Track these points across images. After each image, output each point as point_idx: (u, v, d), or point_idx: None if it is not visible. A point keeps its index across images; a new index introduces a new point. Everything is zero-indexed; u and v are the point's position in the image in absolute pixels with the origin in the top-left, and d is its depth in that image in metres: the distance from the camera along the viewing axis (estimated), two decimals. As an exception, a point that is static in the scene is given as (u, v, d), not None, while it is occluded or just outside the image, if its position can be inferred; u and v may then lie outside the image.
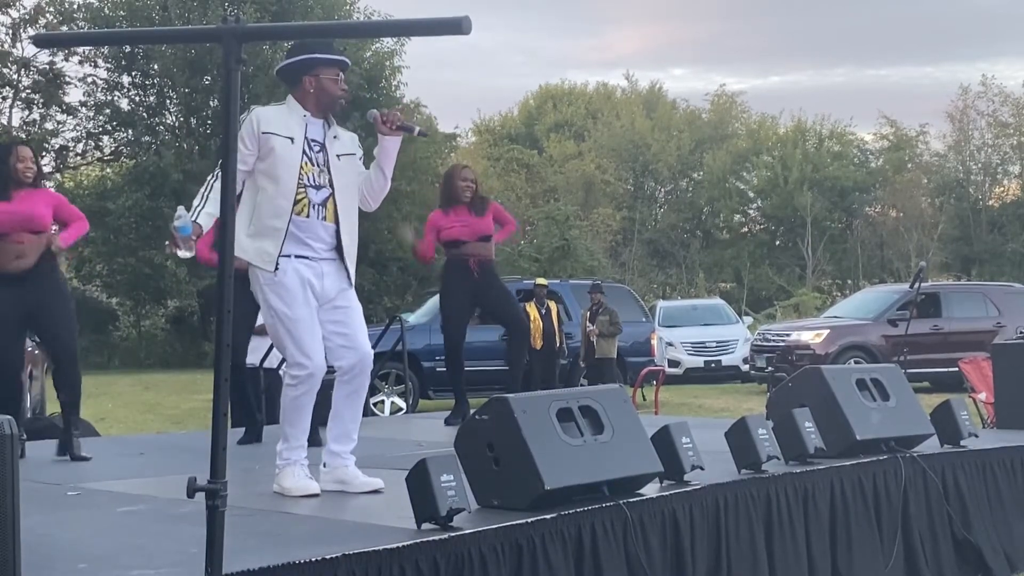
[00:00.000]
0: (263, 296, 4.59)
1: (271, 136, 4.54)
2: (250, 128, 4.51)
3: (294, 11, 30.09)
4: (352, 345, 4.68)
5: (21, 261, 5.81)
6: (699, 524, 4.31)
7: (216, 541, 2.56)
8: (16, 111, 30.34)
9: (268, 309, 4.59)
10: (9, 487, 2.56)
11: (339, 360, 4.71)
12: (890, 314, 17.49)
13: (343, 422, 4.80)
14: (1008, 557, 5.63)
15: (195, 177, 29.32)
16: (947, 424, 5.72)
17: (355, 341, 4.68)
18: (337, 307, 4.67)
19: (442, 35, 2.36)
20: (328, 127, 4.72)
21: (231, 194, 2.52)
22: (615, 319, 14.69)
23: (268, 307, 4.58)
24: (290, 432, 4.70)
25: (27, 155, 6.03)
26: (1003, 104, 41.79)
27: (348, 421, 4.80)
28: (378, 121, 4.75)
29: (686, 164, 44.99)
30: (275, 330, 4.62)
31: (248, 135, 4.49)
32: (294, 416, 4.71)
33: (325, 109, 4.69)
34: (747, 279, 39.80)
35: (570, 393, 4.38)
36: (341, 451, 4.77)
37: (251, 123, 4.52)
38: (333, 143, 4.71)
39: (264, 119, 4.56)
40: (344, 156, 4.75)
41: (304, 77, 4.64)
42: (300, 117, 4.64)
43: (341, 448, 4.78)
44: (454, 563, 3.46)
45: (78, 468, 5.65)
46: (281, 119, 4.61)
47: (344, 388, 4.76)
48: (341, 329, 4.67)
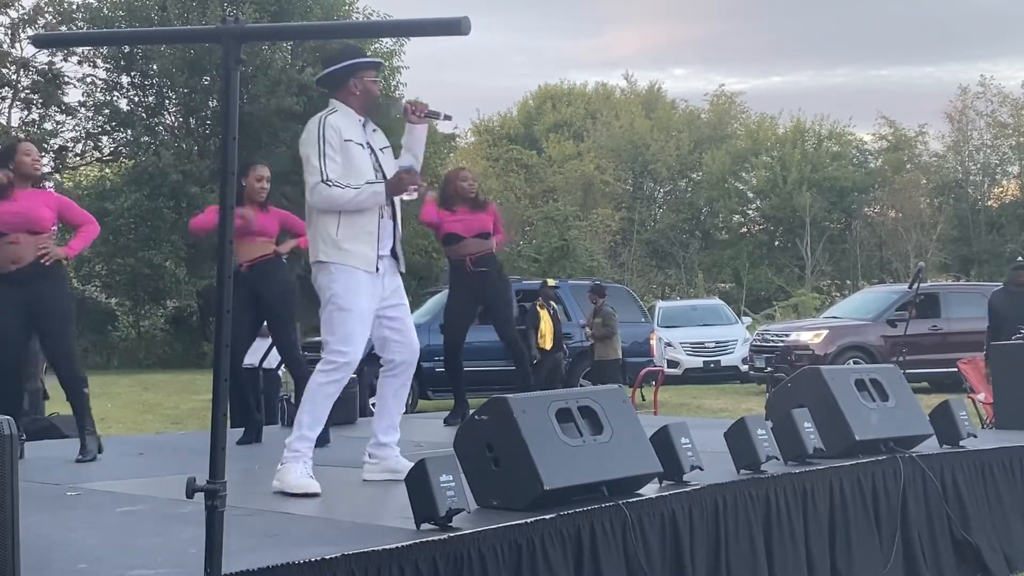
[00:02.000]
0: (330, 282, 4.76)
1: (351, 144, 4.82)
2: (336, 138, 4.78)
3: (293, 11, 30.09)
4: (406, 341, 4.97)
5: (17, 264, 5.83)
6: (698, 524, 4.31)
7: (215, 541, 2.56)
8: (15, 111, 30.38)
9: (331, 295, 4.77)
10: (9, 487, 2.56)
11: (392, 355, 4.96)
12: (889, 314, 17.50)
13: (391, 415, 4.99)
14: (1007, 557, 5.64)
15: (194, 177, 29.35)
16: (946, 424, 5.73)
17: (409, 337, 4.99)
18: (393, 304, 4.95)
19: (441, 36, 2.37)
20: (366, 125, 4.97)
21: (231, 193, 2.52)
22: (608, 320, 14.67)
23: (331, 292, 4.76)
24: (306, 421, 4.77)
25: (32, 150, 6.08)
26: (1002, 104, 41.86)
27: (395, 414, 5.01)
28: (408, 111, 5.06)
29: (685, 164, 45.00)
30: (329, 315, 4.78)
31: (337, 145, 4.77)
32: (315, 405, 4.79)
33: (367, 110, 4.96)
34: (746, 279, 39.80)
35: (569, 393, 4.39)
36: (390, 442, 4.96)
37: (334, 133, 4.78)
38: (375, 139, 4.97)
39: (341, 127, 4.81)
40: (385, 149, 5.01)
41: (350, 81, 4.91)
42: (356, 121, 4.89)
43: (389, 439, 4.96)
44: (453, 563, 3.46)
45: (78, 468, 5.66)
46: (349, 125, 4.85)
47: (394, 382, 4.99)
48: (397, 326, 4.96)
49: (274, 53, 29.97)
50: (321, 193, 4.74)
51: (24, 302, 5.85)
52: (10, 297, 5.81)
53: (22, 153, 5.97)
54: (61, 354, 6.04)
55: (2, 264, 5.83)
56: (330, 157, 4.76)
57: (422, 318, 14.98)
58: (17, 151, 6.00)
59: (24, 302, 5.85)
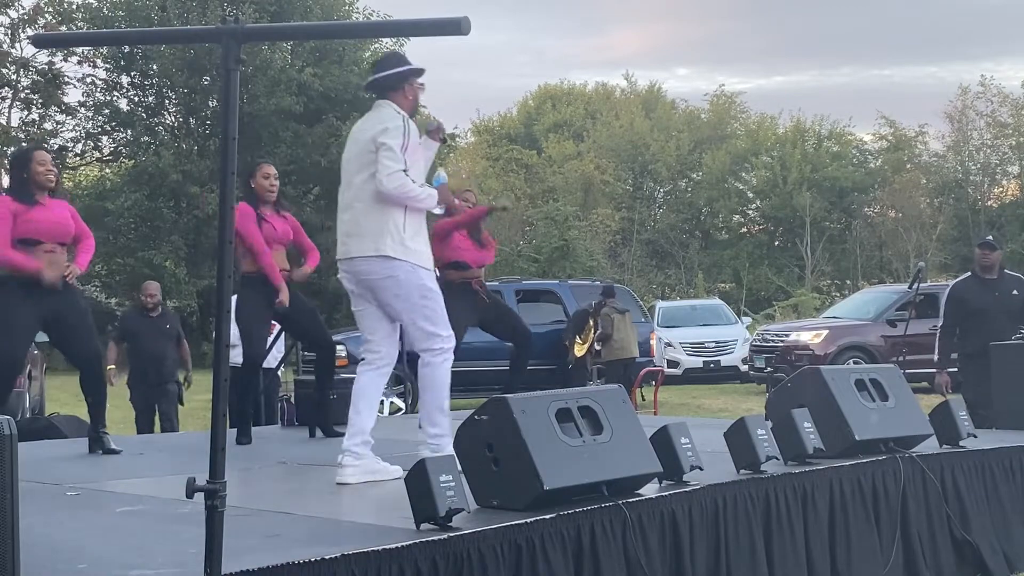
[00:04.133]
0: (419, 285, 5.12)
1: (420, 145, 5.27)
2: (415, 137, 5.19)
3: (293, 11, 30.10)
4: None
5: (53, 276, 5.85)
6: (698, 524, 4.31)
7: (215, 541, 2.56)
8: (15, 111, 30.37)
9: (425, 290, 5.15)
10: (9, 487, 2.56)
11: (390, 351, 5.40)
12: (889, 314, 17.50)
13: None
14: (1007, 557, 5.64)
15: (194, 177, 29.36)
16: (946, 424, 5.73)
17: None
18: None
19: (441, 36, 2.37)
20: None
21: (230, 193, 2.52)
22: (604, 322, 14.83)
23: (425, 288, 5.15)
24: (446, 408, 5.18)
25: (47, 159, 6.05)
26: (1002, 104, 41.88)
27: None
28: (438, 130, 5.62)
29: (685, 164, 45.00)
30: (429, 308, 5.18)
31: (413, 144, 5.15)
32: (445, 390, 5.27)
33: (413, 114, 5.32)
34: (746, 279, 39.81)
35: (569, 393, 4.38)
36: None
37: (413, 132, 5.18)
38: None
39: (413, 129, 5.17)
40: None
41: (405, 85, 5.31)
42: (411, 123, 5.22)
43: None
44: (453, 563, 3.46)
45: (78, 468, 5.66)
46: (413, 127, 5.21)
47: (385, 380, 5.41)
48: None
49: (274, 53, 29.97)
50: (401, 181, 5.00)
51: (46, 313, 5.91)
52: (34, 305, 5.84)
53: (36, 163, 5.93)
54: (92, 352, 6.14)
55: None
56: (408, 152, 5.09)
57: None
58: (32, 160, 5.96)
59: (46, 313, 5.91)
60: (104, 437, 6.18)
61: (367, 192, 5.10)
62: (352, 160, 5.26)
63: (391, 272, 5.06)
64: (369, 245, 5.08)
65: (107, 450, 6.13)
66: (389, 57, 5.55)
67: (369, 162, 5.11)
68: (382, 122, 5.17)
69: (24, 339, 5.99)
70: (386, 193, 5.02)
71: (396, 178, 5.00)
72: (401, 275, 5.07)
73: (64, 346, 6.23)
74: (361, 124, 5.47)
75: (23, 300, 5.82)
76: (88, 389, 6.18)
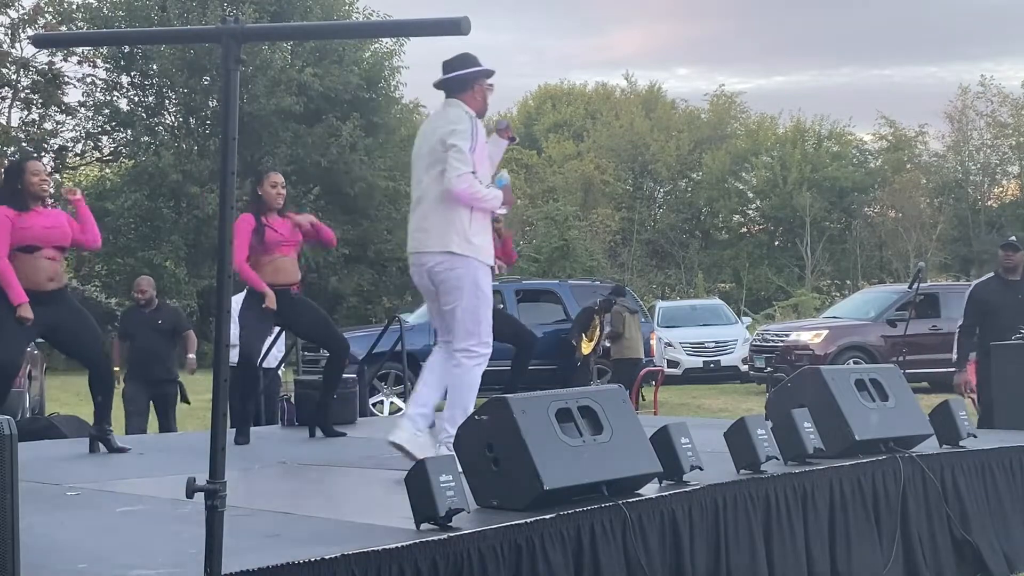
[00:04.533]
0: (475, 281, 5.31)
1: (487, 144, 5.46)
2: (484, 136, 5.38)
3: (293, 11, 30.09)
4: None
5: (52, 283, 5.88)
6: (698, 524, 4.31)
7: (215, 541, 2.56)
8: (15, 111, 30.30)
9: (478, 292, 5.34)
10: (9, 487, 2.56)
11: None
12: (889, 314, 17.51)
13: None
14: (1007, 557, 5.64)
15: (194, 177, 29.35)
16: (946, 424, 5.72)
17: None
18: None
19: (441, 35, 2.36)
20: None
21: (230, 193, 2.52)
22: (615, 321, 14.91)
23: (479, 291, 5.34)
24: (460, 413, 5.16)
25: (40, 169, 6.05)
26: (1002, 104, 41.87)
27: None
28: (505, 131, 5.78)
29: (685, 164, 44.97)
30: (474, 307, 5.34)
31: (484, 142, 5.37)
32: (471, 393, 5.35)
33: (482, 114, 5.47)
34: (746, 279, 39.79)
35: (569, 393, 4.38)
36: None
37: (483, 132, 5.37)
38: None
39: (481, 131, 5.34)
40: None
41: (475, 85, 5.47)
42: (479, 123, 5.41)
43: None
44: (453, 563, 3.46)
45: (78, 468, 5.66)
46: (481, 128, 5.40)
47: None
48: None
49: (274, 53, 29.95)
50: (468, 181, 5.20)
51: (47, 321, 5.91)
52: (37, 314, 5.81)
53: (30, 173, 5.93)
54: (98, 352, 6.17)
55: (39, 281, 5.84)
56: (476, 153, 5.27)
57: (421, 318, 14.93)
58: (24, 171, 5.95)
59: (47, 321, 5.91)
60: (110, 436, 6.21)
61: (435, 190, 5.32)
62: (423, 157, 5.46)
63: (453, 267, 5.31)
64: (436, 241, 5.34)
65: (113, 448, 6.16)
66: (459, 58, 5.59)
67: (438, 160, 5.31)
68: (451, 123, 5.33)
69: (19, 346, 6.00)
70: (455, 194, 5.24)
71: (464, 180, 5.19)
72: (462, 271, 5.31)
73: (70, 350, 6.27)
74: (430, 122, 5.68)
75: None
76: (97, 389, 6.20)
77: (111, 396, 6.33)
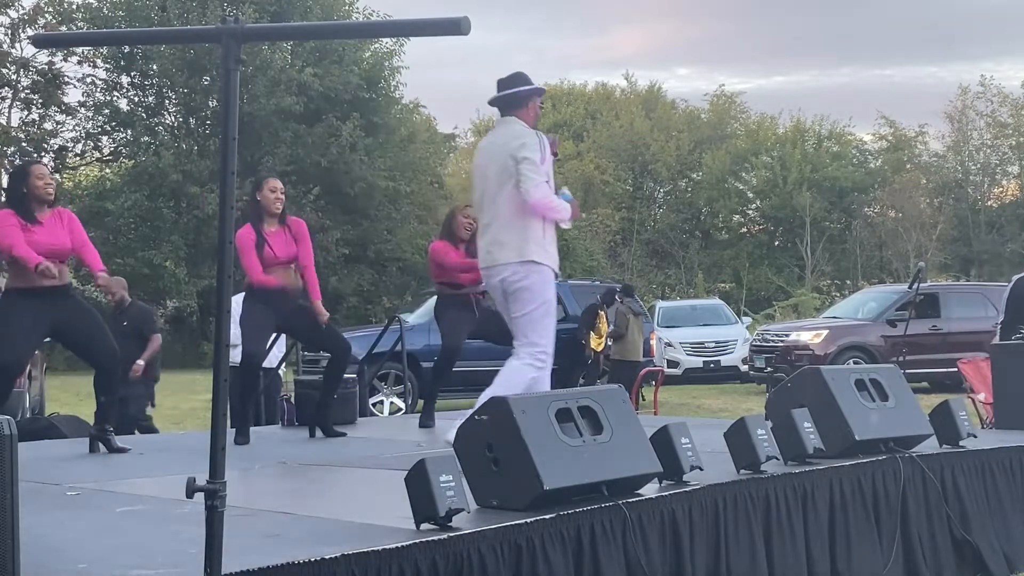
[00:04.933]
0: (543, 284, 5.68)
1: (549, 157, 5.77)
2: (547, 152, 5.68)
3: (293, 11, 30.11)
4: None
5: (53, 280, 5.89)
6: (698, 524, 4.31)
7: (215, 541, 2.56)
8: (15, 111, 30.32)
9: (544, 297, 5.72)
10: (9, 487, 2.56)
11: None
12: (889, 314, 17.51)
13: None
14: (1007, 557, 5.64)
15: (194, 177, 29.36)
16: (946, 424, 5.72)
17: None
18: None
19: (441, 35, 2.36)
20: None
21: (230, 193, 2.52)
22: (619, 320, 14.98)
23: (547, 300, 5.73)
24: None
25: (44, 172, 6.09)
26: (1002, 104, 41.90)
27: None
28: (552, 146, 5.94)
29: (685, 164, 44.98)
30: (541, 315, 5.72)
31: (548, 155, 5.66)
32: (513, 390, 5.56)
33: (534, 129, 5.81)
34: (746, 279, 39.80)
35: (569, 393, 4.38)
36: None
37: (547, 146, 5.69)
38: None
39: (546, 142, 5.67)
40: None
41: (529, 103, 5.83)
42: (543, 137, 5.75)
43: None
44: (453, 563, 3.46)
45: (78, 468, 5.66)
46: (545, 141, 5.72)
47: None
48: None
49: (274, 53, 29.97)
50: (546, 192, 5.56)
51: (53, 319, 5.94)
52: (42, 311, 5.86)
53: (34, 177, 5.96)
54: (109, 350, 6.12)
55: (37, 281, 5.85)
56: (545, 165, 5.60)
57: (421, 318, 14.99)
58: (29, 175, 5.98)
59: (53, 319, 5.94)
60: (110, 436, 6.21)
61: (510, 204, 5.62)
62: (492, 176, 5.74)
63: (528, 275, 5.65)
64: (513, 252, 5.65)
65: (113, 448, 6.16)
66: (515, 76, 5.89)
67: (510, 176, 5.60)
68: (518, 137, 5.63)
69: (27, 347, 6.04)
70: (532, 204, 5.56)
71: (541, 189, 5.53)
72: (537, 279, 5.66)
73: (80, 350, 6.27)
74: (492, 139, 5.95)
75: (27, 309, 5.85)
76: (102, 388, 6.21)
77: (115, 397, 6.35)
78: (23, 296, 5.86)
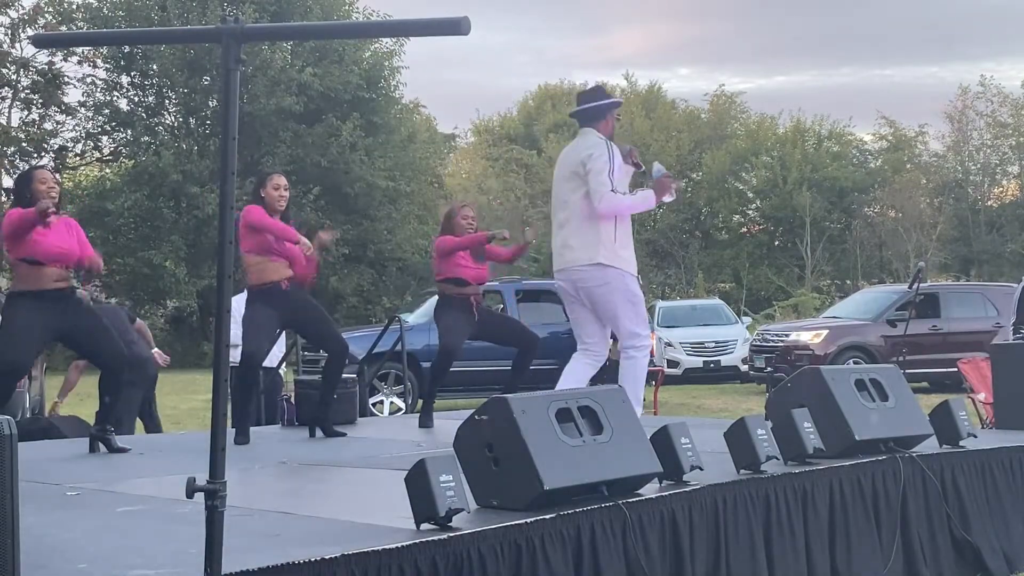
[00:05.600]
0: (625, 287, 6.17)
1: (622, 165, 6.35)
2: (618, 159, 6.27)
3: (293, 11, 30.09)
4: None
5: (61, 282, 5.92)
6: (698, 524, 4.31)
7: (215, 541, 2.56)
8: (15, 111, 30.30)
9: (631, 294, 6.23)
10: (9, 487, 2.56)
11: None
12: (889, 314, 17.50)
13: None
14: (1007, 557, 5.63)
15: (194, 177, 29.36)
16: (946, 424, 5.72)
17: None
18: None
19: (441, 35, 2.36)
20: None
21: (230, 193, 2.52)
22: None
23: (631, 292, 6.22)
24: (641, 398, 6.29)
25: (47, 177, 6.08)
26: (1002, 104, 41.84)
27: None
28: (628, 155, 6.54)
29: (685, 164, 44.94)
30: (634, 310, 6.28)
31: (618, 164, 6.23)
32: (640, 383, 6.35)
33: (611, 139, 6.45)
34: (746, 279, 39.79)
35: (569, 393, 4.39)
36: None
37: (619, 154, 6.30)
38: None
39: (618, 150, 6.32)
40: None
41: (607, 115, 6.50)
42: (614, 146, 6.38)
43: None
44: (453, 563, 3.46)
45: (78, 468, 5.66)
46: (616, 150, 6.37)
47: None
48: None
49: (274, 53, 29.94)
50: (611, 200, 6.06)
51: (61, 323, 5.94)
52: (50, 313, 5.87)
53: (37, 181, 5.96)
54: (117, 351, 6.13)
55: (45, 283, 5.87)
56: (614, 172, 6.12)
57: (421, 318, 14.98)
58: (33, 179, 6.00)
59: (61, 323, 5.94)
60: (111, 436, 6.22)
61: (580, 210, 6.14)
62: (566, 181, 6.31)
63: (605, 279, 6.11)
64: (584, 255, 6.12)
65: (113, 449, 6.17)
66: (593, 90, 6.63)
67: (580, 184, 6.15)
68: (589, 148, 6.20)
69: (32, 350, 6.04)
70: (600, 211, 6.07)
71: (606, 200, 6.03)
72: (613, 280, 6.09)
73: (87, 352, 6.30)
74: (569, 149, 6.59)
75: (34, 312, 5.86)
76: (107, 388, 6.24)
77: (119, 399, 6.37)
78: (29, 298, 5.86)
